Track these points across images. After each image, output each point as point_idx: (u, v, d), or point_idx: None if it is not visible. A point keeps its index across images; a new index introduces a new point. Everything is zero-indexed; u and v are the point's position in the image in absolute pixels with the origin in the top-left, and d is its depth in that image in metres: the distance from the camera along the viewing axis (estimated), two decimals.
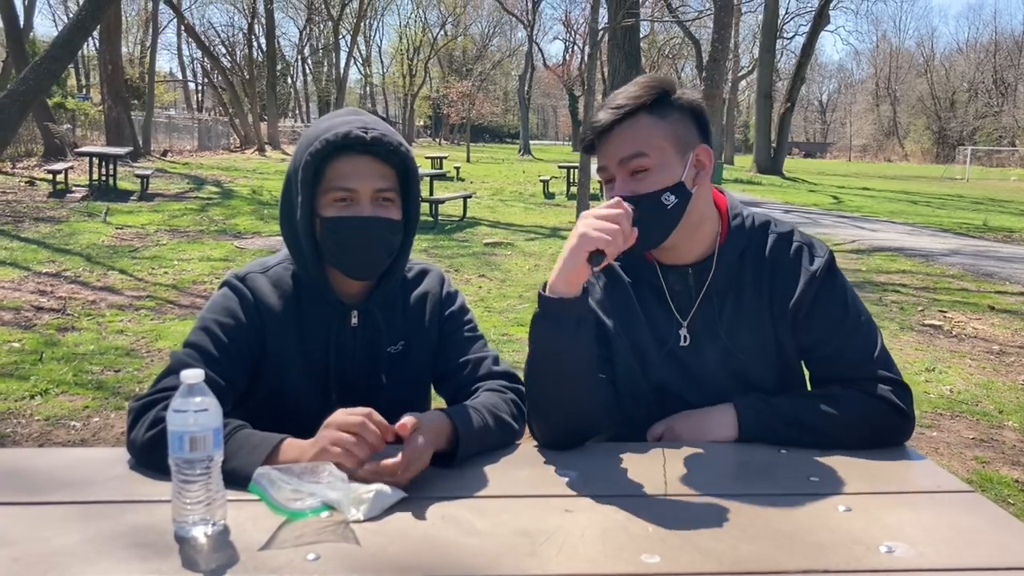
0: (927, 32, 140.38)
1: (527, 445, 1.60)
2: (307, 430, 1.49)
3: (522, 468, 1.47)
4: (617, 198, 1.49)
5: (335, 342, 1.65)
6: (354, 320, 1.66)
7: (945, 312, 7.53)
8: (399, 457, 1.31)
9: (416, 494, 1.29)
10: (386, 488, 1.27)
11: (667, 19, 33.29)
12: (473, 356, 1.73)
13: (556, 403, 1.55)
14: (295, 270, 1.67)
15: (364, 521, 1.21)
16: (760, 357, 1.68)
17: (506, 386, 1.68)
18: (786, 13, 46.48)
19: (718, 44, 7.32)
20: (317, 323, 1.65)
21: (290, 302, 1.65)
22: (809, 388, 1.73)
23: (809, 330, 1.67)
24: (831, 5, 35.34)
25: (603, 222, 1.44)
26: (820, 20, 34.42)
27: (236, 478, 1.26)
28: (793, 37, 51.40)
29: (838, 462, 1.50)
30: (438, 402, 1.79)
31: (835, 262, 1.70)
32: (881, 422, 1.59)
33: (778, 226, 1.72)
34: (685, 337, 1.69)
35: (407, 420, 1.34)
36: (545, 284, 1.49)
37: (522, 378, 1.65)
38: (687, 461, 1.50)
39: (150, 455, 1.39)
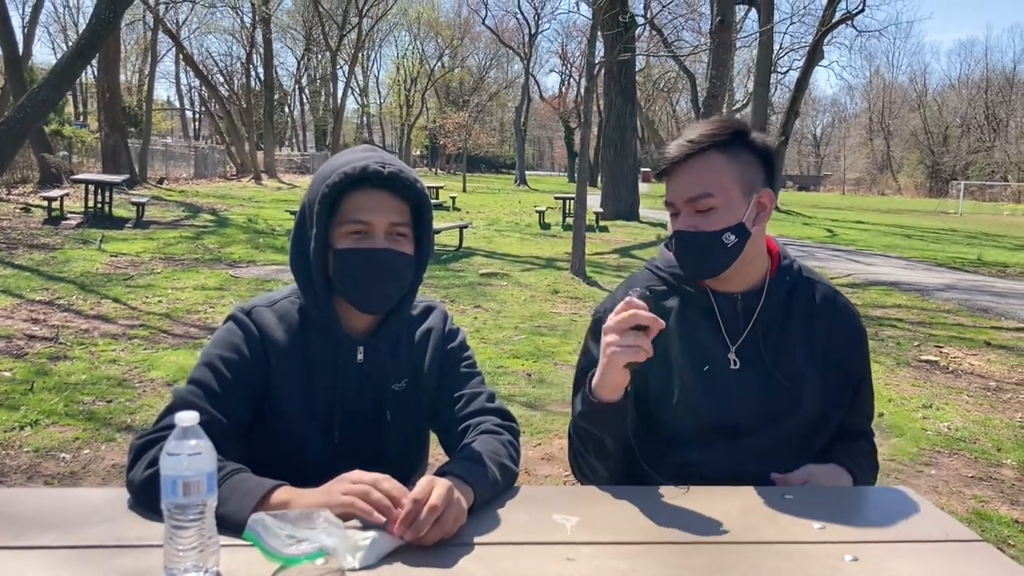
0: (920, 68, 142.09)
1: (526, 488, 1.57)
2: (309, 467, 1.50)
3: (521, 513, 1.43)
4: (628, 298, 1.53)
5: (340, 376, 1.63)
6: (360, 355, 1.65)
7: (941, 348, 7.52)
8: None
9: (413, 542, 1.26)
10: (383, 535, 1.24)
11: (663, 54, 33.56)
12: (468, 391, 1.72)
13: (601, 467, 1.70)
14: (302, 304, 1.65)
15: (360, 569, 1.18)
16: (806, 386, 1.74)
17: (501, 425, 1.66)
18: (780, 48, 46.87)
19: (716, 80, 7.37)
20: (323, 357, 1.62)
21: (296, 336, 1.63)
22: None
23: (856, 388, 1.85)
24: (825, 41, 35.67)
25: (626, 336, 1.50)
26: (814, 55, 34.64)
27: (227, 524, 1.24)
28: (787, 72, 51.74)
29: (843, 506, 1.48)
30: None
31: None
32: (874, 467, 1.86)
33: (817, 275, 1.86)
34: (734, 361, 1.74)
35: (429, 494, 1.29)
36: (589, 383, 1.60)
37: (513, 415, 1.72)
38: (691, 505, 1.47)
39: (147, 494, 1.36)
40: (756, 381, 1.73)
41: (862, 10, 30.69)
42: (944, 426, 5.19)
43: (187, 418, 1.14)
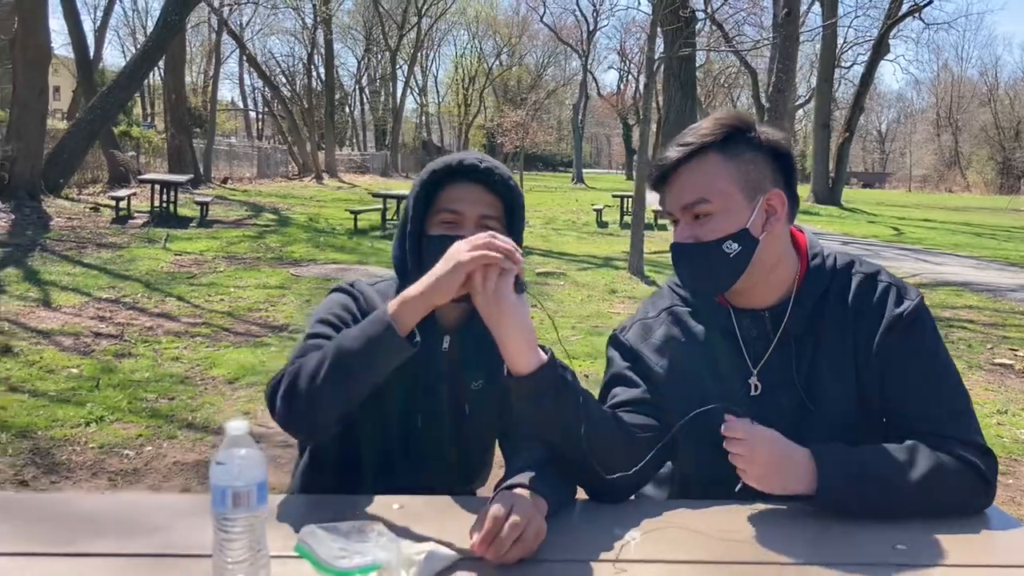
0: (991, 61, 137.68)
1: (587, 501, 1.51)
2: (391, 448, 1.64)
3: (578, 527, 1.38)
4: (491, 233, 1.40)
5: (424, 362, 1.62)
6: (445, 344, 1.67)
7: (1016, 351, 7.24)
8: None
9: (468, 557, 1.21)
10: (438, 549, 1.19)
11: (724, 49, 33.11)
12: None
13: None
14: (398, 286, 1.67)
15: None
16: (838, 408, 1.53)
17: None
18: (844, 42, 45.87)
19: (783, 75, 7.17)
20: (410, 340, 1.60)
21: None
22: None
23: (892, 381, 1.52)
24: (891, 34, 34.86)
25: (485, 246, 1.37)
26: (880, 49, 33.95)
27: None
28: (851, 66, 50.66)
29: (924, 526, 1.38)
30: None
31: (926, 308, 1.56)
32: (964, 491, 1.45)
33: (863, 266, 1.60)
34: (755, 386, 1.57)
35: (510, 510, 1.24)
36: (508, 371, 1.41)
37: None
38: (756, 522, 1.39)
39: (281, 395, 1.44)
40: (779, 407, 1.54)
41: (930, 2, 29.96)
42: (1021, 433, 4.98)
43: (237, 427, 1.11)
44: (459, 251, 1.36)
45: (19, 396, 4.96)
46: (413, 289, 1.39)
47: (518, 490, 1.32)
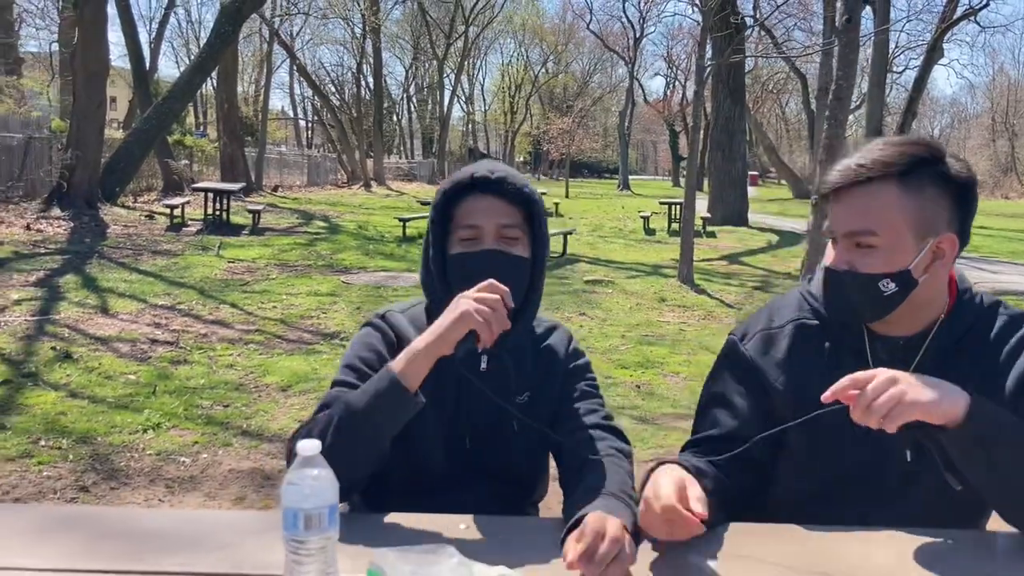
0: None
1: None
2: (437, 475, 1.62)
3: (650, 552, 1.33)
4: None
5: (465, 383, 1.62)
6: (484, 364, 1.64)
7: None
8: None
9: None
10: (509, 573, 1.17)
11: (775, 55, 32.72)
12: (585, 405, 1.67)
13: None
14: (427, 306, 1.70)
15: None
16: None
17: (619, 450, 1.58)
18: (896, 47, 44.99)
19: (842, 82, 7.00)
20: (448, 362, 1.56)
21: None
22: None
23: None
24: (945, 38, 34.13)
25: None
26: (933, 54, 33.13)
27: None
28: (903, 71, 49.65)
29: None
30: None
31: None
32: None
33: (1009, 309, 1.54)
34: None
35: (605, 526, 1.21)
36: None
37: (628, 438, 1.63)
38: (851, 549, 1.34)
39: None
40: (905, 436, 1.43)
41: (986, 5, 29.15)
42: None
43: (309, 447, 1.09)
44: (462, 303, 1.42)
45: (79, 402, 5.06)
46: (419, 342, 1.44)
47: (602, 512, 1.28)
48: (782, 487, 1.59)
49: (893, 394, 1.25)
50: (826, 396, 1.31)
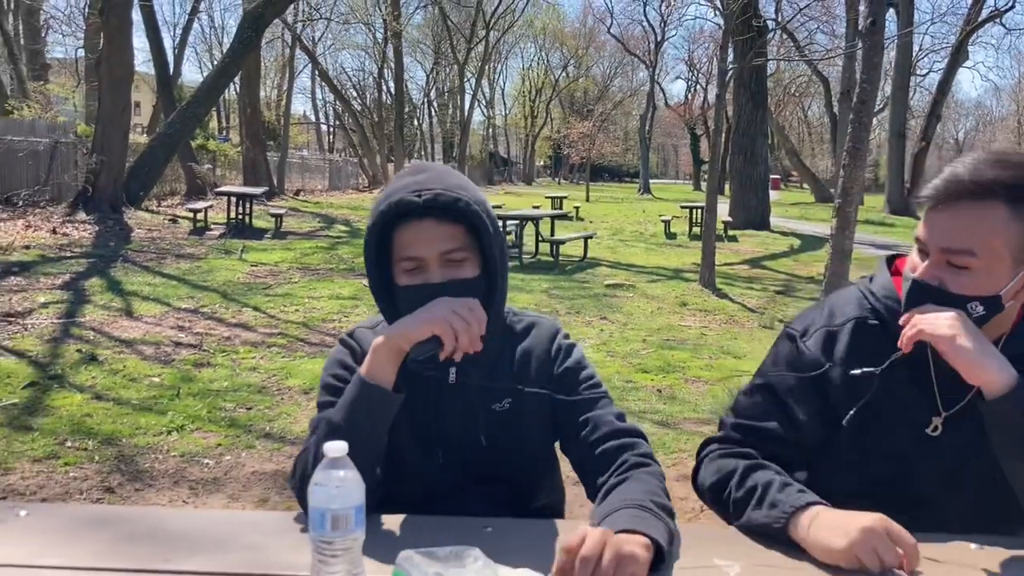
0: None
1: (681, 525, 1.46)
2: (417, 487, 1.59)
3: (680, 555, 1.33)
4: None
5: (434, 396, 1.59)
6: (452, 377, 1.59)
7: None
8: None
9: None
10: (534, 575, 1.17)
11: (796, 58, 32.55)
12: (594, 413, 1.60)
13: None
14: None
15: None
16: None
17: (644, 455, 1.53)
18: (920, 49, 44.57)
19: (867, 85, 6.92)
20: (418, 377, 1.55)
21: None
22: None
23: None
24: (970, 40, 33.83)
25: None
26: (958, 56, 32.96)
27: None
28: (927, 74, 49.18)
29: None
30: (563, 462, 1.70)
31: None
32: None
33: None
34: (936, 427, 1.48)
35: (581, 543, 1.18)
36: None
37: (645, 434, 1.60)
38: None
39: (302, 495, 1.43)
40: (957, 452, 1.47)
41: (1012, 7, 28.98)
42: None
43: (336, 448, 1.10)
44: (439, 307, 1.42)
45: (104, 404, 5.11)
46: (380, 337, 1.45)
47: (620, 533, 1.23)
48: (820, 487, 1.58)
49: (953, 323, 1.32)
50: (904, 319, 1.38)
